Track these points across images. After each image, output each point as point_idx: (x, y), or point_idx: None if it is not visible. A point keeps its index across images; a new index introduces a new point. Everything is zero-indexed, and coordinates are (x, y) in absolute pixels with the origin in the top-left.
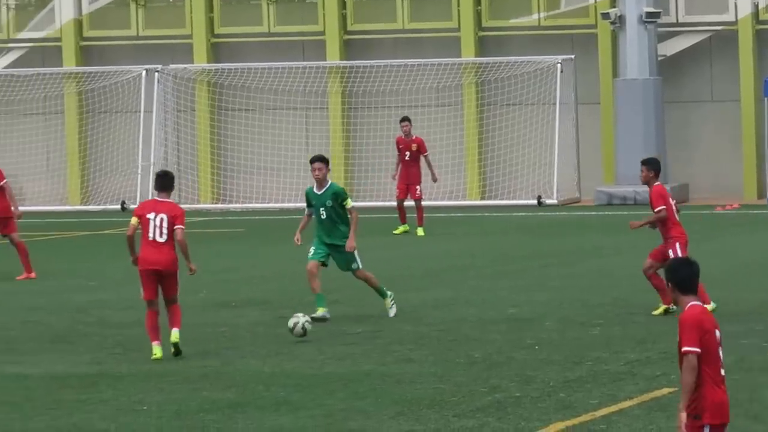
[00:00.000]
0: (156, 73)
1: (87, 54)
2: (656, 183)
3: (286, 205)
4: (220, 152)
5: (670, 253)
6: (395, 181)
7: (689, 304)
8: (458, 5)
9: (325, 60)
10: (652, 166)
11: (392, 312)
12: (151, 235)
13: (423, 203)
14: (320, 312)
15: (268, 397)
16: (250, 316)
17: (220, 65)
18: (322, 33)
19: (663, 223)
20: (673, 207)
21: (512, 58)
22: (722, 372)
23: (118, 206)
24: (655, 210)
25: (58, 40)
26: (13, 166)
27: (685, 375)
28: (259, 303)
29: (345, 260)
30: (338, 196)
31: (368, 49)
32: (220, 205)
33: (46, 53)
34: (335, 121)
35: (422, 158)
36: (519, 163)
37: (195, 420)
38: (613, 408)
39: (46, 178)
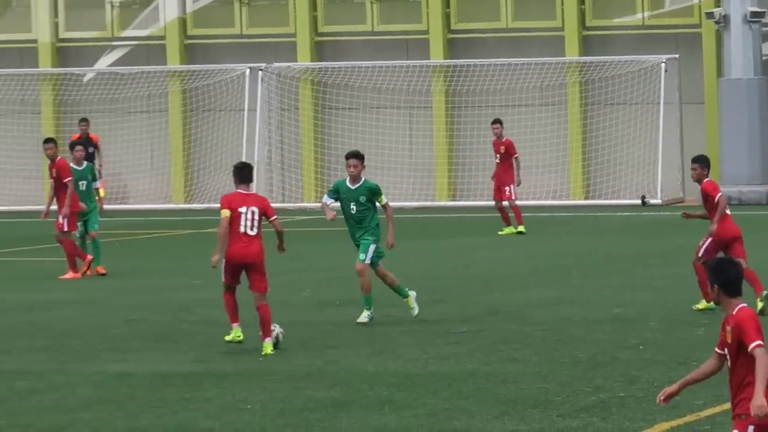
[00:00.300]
0: (260, 72)
1: (191, 52)
2: (707, 179)
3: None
4: (324, 151)
5: (701, 245)
6: (493, 182)
7: (740, 306)
8: (562, 4)
9: (429, 59)
10: (705, 164)
11: (415, 311)
12: (242, 228)
13: (525, 202)
14: (364, 315)
15: (372, 396)
16: (354, 314)
17: (323, 64)
18: (426, 32)
19: (710, 216)
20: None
21: (616, 58)
22: None
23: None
24: (716, 199)
25: (163, 38)
26: (117, 164)
27: (763, 369)
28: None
29: (361, 248)
30: (373, 193)
31: (472, 48)
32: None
33: (150, 51)
34: (438, 120)
35: (513, 160)
36: (623, 163)
37: (299, 419)
38: (718, 408)
39: (150, 176)
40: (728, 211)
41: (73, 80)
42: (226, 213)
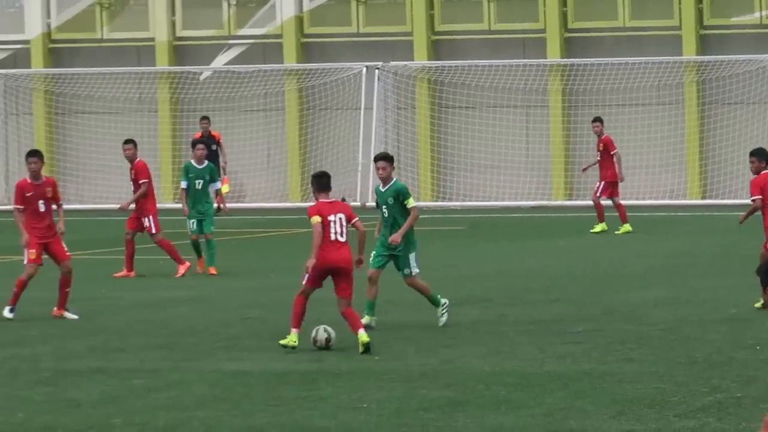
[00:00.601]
0: (376, 70)
1: (308, 51)
2: (764, 171)
3: (505, 203)
4: (440, 149)
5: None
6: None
7: None
8: (680, 3)
9: (546, 58)
10: (763, 157)
11: (443, 320)
12: (332, 236)
13: (641, 201)
14: (366, 320)
15: (488, 396)
16: (470, 314)
17: (440, 63)
18: (543, 30)
19: (762, 212)
20: None
21: (734, 57)
22: None
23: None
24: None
25: (279, 36)
26: (234, 162)
27: None
28: (479, 301)
29: (401, 263)
30: (399, 194)
31: (589, 47)
32: (440, 203)
33: (267, 50)
34: (555, 119)
35: (613, 156)
36: (740, 163)
37: (414, 418)
38: None
39: (267, 175)
40: None
41: (190, 79)
42: (317, 219)
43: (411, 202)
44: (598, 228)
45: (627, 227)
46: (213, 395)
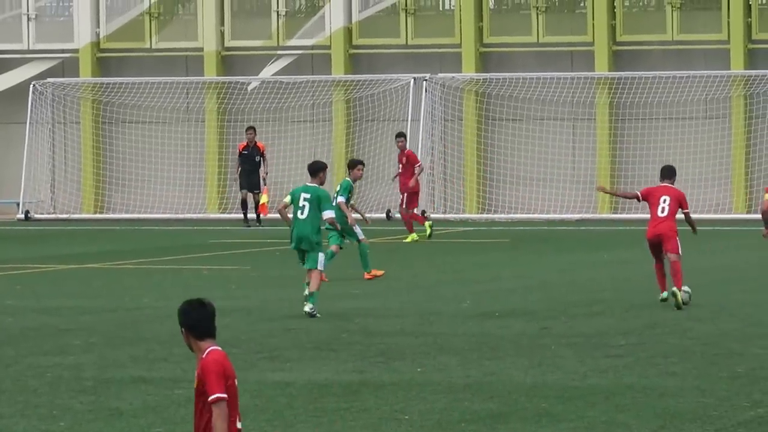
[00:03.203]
0: (424, 82)
1: (356, 62)
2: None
3: (551, 216)
4: (486, 162)
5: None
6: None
7: None
8: (728, 17)
9: (594, 71)
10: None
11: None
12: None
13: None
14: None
15: (530, 409)
16: (513, 326)
17: (488, 75)
18: (591, 43)
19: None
20: (661, 205)
21: None
22: None
23: (383, 215)
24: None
25: (328, 47)
26: (281, 173)
27: None
28: (523, 313)
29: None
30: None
31: (636, 60)
32: (485, 215)
33: (315, 61)
34: (602, 132)
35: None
36: None
37: (456, 430)
38: None
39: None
40: None
41: (238, 89)
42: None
43: (286, 199)
44: (410, 239)
45: (414, 236)
46: (255, 406)
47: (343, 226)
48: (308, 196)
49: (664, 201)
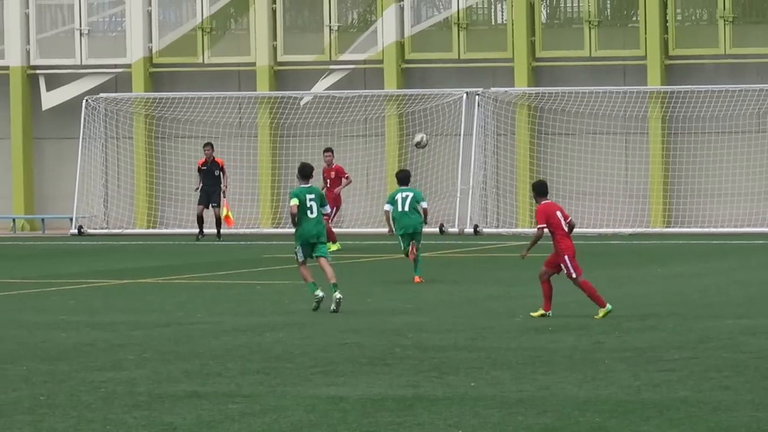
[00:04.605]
0: (477, 96)
1: (408, 76)
2: (542, 202)
3: (604, 230)
4: (539, 176)
5: (562, 266)
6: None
7: None
8: None
9: (646, 85)
10: (534, 190)
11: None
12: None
13: (738, 229)
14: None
15: (583, 423)
16: (567, 340)
17: (540, 89)
18: (644, 58)
19: (552, 237)
20: (562, 222)
21: None
22: None
23: (437, 229)
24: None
25: (380, 62)
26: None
27: None
28: (576, 328)
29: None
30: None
31: (689, 74)
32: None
33: (367, 75)
34: (655, 146)
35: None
36: None
37: None
38: None
39: (366, 200)
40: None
41: (290, 103)
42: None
43: (293, 201)
44: (334, 247)
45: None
46: (309, 420)
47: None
48: (313, 195)
49: (561, 217)
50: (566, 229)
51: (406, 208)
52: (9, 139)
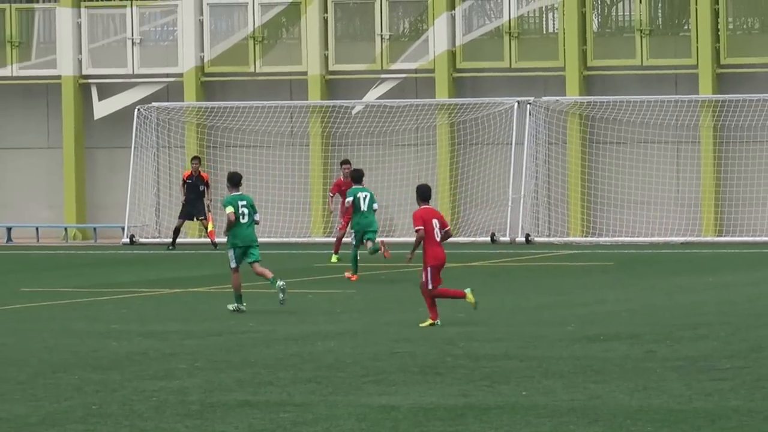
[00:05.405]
0: (528, 105)
1: (459, 85)
2: (422, 207)
3: (655, 239)
4: (590, 185)
5: (422, 272)
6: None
7: None
8: None
9: (698, 93)
10: (417, 194)
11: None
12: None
13: None
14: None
15: None
16: (618, 349)
17: (592, 98)
18: (695, 66)
19: (423, 243)
20: (435, 229)
21: None
22: None
23: (488, 238)
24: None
25: (432, 71)
26: (385, 197)
27: None
28: (627, 337)
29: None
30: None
31: (741, 83)
32: (589, 238)
33: (419, 84)
34: (706, 155)
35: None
36: None
37: None
38: None
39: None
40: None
41: (342, 112)
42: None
43: (228, 209)
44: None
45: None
46: (360, 429)
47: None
48: (245, 202)
49: (436, 225)
50: (438, 238)
51: (365, 208)
52: (61, 149)
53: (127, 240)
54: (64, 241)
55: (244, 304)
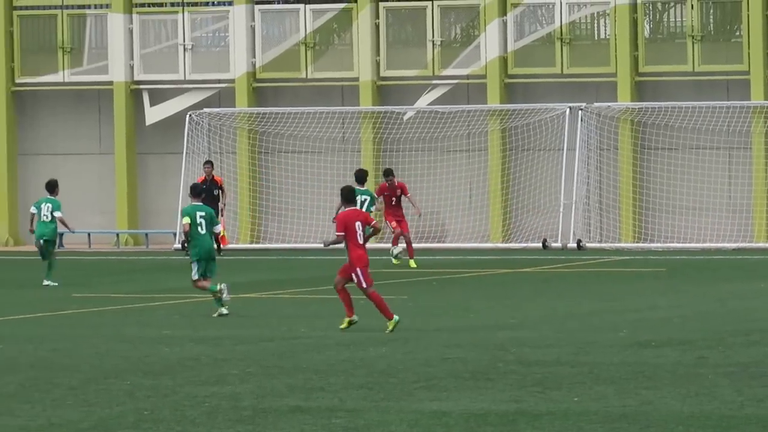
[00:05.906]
0: (580, 111)
1: (511, 91)
2: (346, 209)
3: (707, 245)
4: (642, 191)
5: (353, 276)
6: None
7: None
8: None
9: (750, 99)
10: (341, 196)
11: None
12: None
13: None
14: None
15: None
16: (670, 355)
17: (644, 104)
18: (747, 72)
19: (346, 245)
20: (358, 232)
21: None
22: None
23: (540, 244)
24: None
25: (483, 77)
26: (436, 202)
27: None
28: (679, 343)
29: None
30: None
31: None
32: (641, 244)
33: (470, 90)
34: (758, 161)
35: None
36: None
37: None
38: None
39: (468, 215)
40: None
41: (393, 118)
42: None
43: (185, 220)
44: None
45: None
46: None
47: None
48: (204, 213)
49: (359, 227)
50: (361, 240)
51: (364, 209)
52: (113, 154)
53: (179, 246)
54: (116, 246)
55: (220, 285)
